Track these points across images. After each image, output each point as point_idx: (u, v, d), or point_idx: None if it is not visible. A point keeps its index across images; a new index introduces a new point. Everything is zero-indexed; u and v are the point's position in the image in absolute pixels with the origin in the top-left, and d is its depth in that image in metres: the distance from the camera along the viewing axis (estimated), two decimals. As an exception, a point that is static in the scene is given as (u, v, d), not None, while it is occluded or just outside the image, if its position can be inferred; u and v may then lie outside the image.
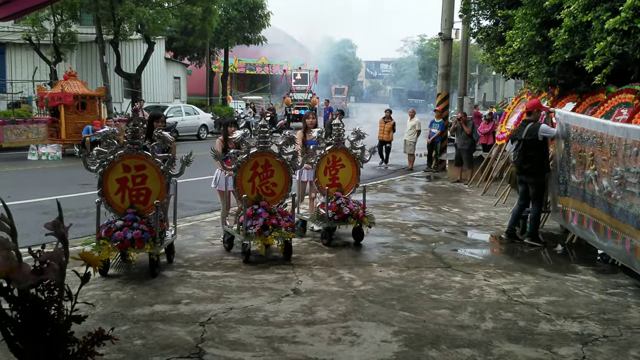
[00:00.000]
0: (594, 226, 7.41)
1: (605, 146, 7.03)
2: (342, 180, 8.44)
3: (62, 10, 25.53)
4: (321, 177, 8.27)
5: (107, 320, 5.13)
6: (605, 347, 4.88)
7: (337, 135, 8.39)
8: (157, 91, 36.69)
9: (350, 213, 8.07)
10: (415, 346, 4.79)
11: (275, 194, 7.56)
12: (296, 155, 7.64)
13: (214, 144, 8.13)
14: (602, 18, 8.18)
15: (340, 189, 8.37)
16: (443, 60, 17.76)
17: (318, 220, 8.27)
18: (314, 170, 8.21)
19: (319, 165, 8.21)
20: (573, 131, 8.09)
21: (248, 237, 7.07)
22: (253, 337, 4.91)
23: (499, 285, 6.56)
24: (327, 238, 8.14)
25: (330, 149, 8.28)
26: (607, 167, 7.00)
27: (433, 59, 58.23)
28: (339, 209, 8.06)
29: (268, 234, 7.01)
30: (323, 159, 8.24)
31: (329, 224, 8.09)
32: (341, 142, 8.41)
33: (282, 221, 7.18)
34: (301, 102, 38.17)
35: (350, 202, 8.19)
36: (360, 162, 8.53)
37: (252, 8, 38.70)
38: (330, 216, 8.05)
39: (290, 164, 7.53)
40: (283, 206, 7.59)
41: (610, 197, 6.91)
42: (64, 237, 2.06)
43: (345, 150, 8.41)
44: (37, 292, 2.04)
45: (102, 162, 6.50)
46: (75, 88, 20.03)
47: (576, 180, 7.94)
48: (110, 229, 6.34)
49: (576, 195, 7.98)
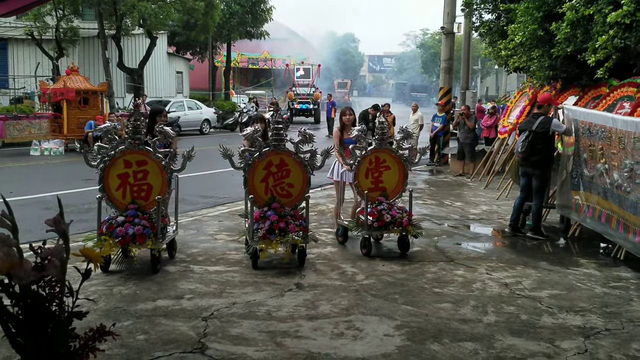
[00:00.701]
0: (607, 219, 7.44)
1: (614, 140, 7.06)
2: (387, 183, 7.63)
3: (64, 5, 25.50)
4: (362, 179, 7.52)
5: (110, 316, 5.14)
6: (607, 341, 4.88)
7: (380, 133, 7.58)
8: (160, 86, 36.67)
9: (393, 220, 7.27)
10: (417, 340, 4.79)
11: (292, 195, 6.99)
12: (315, 154, 7.01)
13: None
14: (604, 11, 8.16)
15: (384, 194, 7.58)
16: (445, 54, 17.73)
17: (356, 227, 7.58)
18: (354, 172, 7.49)
19: (360, 166, 7.47)
20: (582, 126, 8.09)
21: (254, 241, 6.67)
22: (256, 331, 4.91)
23: (501, 278, 6.57)
24: (367, 247, 7.40)
25: (372, 149, 7.53)
26: (617, 160, 7.03)
27: (435, 53, 58.10)
28: (379, 215, 7.29)
29: (273, 238, 6.54)
30: (364, 159, 7.47)
31: (368, 232, 7.36)
32: (385, 142, 7.60)
33: (292, 225, 6.67)
34: (304, 97, 38.17)
35: (393, 208, 7.40)
36: (407, 165, 7.69)
37: (255, 2, 38.61)
38: (370, 223, 7.29)
39: (307, 163, 6.96)
40: (299, 209, 7.01)
41: (620, 190, 6.95)
42: (65, 233, 2.06)
43: (390, 150, 7.60)
44: (38, 288, 2.05)
45: (103, 158, 6.49)
46: (78, 83, 20.03)
47: (588, 174, 7.94)
48: (111, 225, 6.31)
49: (590, 189, 7.97)
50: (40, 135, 19.58)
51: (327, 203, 10.89)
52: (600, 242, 8.22)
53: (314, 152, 6.98)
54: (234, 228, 8.64)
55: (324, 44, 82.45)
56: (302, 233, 6.70)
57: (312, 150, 6.98)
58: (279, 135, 6.87)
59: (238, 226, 8.59)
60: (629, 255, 7.23)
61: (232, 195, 11.34)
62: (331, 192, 12.12)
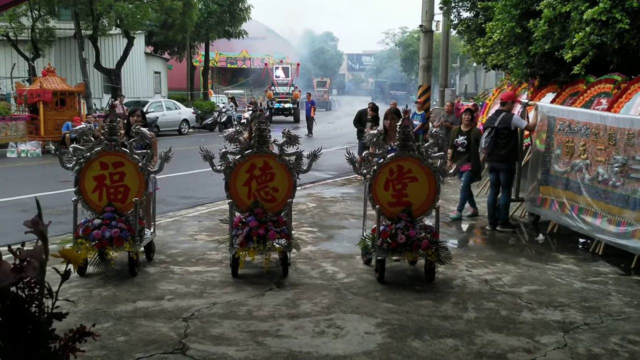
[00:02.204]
0: (579, 211, 7.66)
1: (602, 136, 7.31)
2: (413, 197, 6.45)
3: (39, 5, 25.21)
4: (380, 192, 6.45)
5: (90, 318, 5.09)
6: (586, 335, 4.95)
7: (403, 138, 6.38)
8: (138, 86, 36.40)
9: (410, 242, 6.15)
10: (398, 337, 4.81)
11: (276, 200, 6.54)
12: (300, 157, 6.50)
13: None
14: (580, 9, 8.27)
15: (407, 209, 6.45)
16: (424, 52, 17.84)
17: (363, 248, 6.77)
18: (369, 182, 6.48)
19: (377, 176, 6.42)
20: (559, 123, 8.23)
21: (233, 247, 6.31)
22: (237, 331, 4.90)
23: (481, 275, 6.62)
24: (379, 271, 6.33)
25: (394, 157, 6.40)
26: (604, 155, 7.28)
27: (414, 51, 58.38)
28: (391, 235, 6.25)
29: (251, 246, 6.15)
30: (383, 169, 6.41)
31: (379, 254, 6.27)
32: (410, 148, 6.41)
33: (272, 232, 6.23)
34: (283, 96, 38.17)
35: (414, 228, 6.27)
36: (439, 176, 6.48)
37: (233, 1, 38.45)
38: (380, 244, 6.24)
39: (292, 166, 6.50)
40: (284, 215, 6.58)
41: (606, 184, 7.21)
42: (44, 234, 2.04)
43: (417, 159, 6.41)
44: (17, 289, 2.02)
45: (79, 160, 6.38)
46: (54, 84, 19.83)
47: (559, 169, 8.14)
48: (88, 228, 6.19)
49: (558, 184, 8.18)
50: (16, 137, 19.34)
51: (307, 202, 10.90)
52: (579, 238, 8.32)
53: (300, 155, 6.52)
54: (214, 228, 8.61)
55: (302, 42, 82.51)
56: (284, 240, 6.32)
57: (298, 153, 6.52)
58: (263, 137, 6.45)
59: (217, 226, 8.56)
60: (607, 250, 7.35)
61: (211, 195, 11.31)
62: (311, 191, 12.14)
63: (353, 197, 11.49)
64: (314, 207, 10.54)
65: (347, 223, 9.22)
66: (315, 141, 23.85)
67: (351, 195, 11.85)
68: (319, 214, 9.91)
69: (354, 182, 13.43)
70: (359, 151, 12.86)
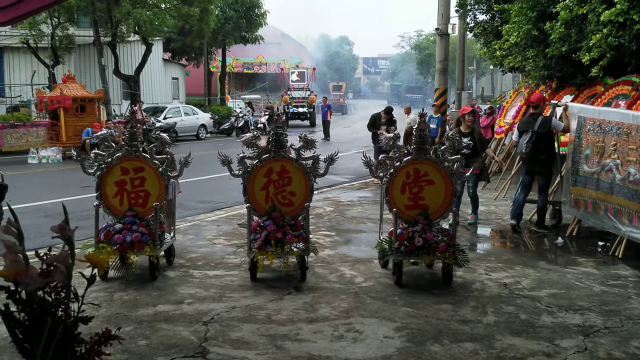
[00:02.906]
0: (615, 213, 7.54)
1: (634, 136, 7.24)
2: (430, 200, 6.49)
3: (59, 13, 25.52)
4: (396, 195, 6.49)
5: (112, 322, 5.16)
6: (606, 339, 4.92)
7: (420, 142, 6.43)
8: (156, 92, 36.68)
9: (427, 245, 6.20)
10: (417, 341, 4.82)
11: (294, 204, 6.57)
12: (317, 161, 6.55)
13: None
14: (597, 10, 8.22)
15: (424, 212, 6.48)
16: (440, 55, 17.78)
17: (381, 251, 6.77)
18: (385, 186, 6.53)
19: (394, 180, 6.47)
20: (590, 123, 8.15)
21: (251, 251, 6.37)
22: (256, 335, 4.94)
23: (500, 279, 6.59)
24: (397, 275, 6.36)
25: (410, 160, 6.45)
26: (635, 155, 7.22)
27: (430, 54, 58.24)
28: (409, 238, 6.30)
29: (269, 250, 6.21)
30: (399, 172, 6.45)
31: (396, 258, 6.29)
32: (426, 151, 6.46)
33: (290, 236, 6.29)
34: (299, 100, 38.25)
35: (431, 231, 6.31)
36: (455, 179, 6.51)
37: (249, 7, 38.70)
38: (397, 247, 6.27)
39: (309, 170, 6.53)
40: (301, 219, 6.60)
41: (637, 185, 7.12)
42: (70, 239, 2.09)
43: (433, 162, 6.44)
44: (44, 294, 2.07)
45: (100, 165, 6.50)
46: (74, 91, 20.05)
47: (588, 170, 8.05)
48: (109, 232, 6.31)
49: (588, 185, 8.08)
50: (37, 143, 19.59)
51: (324, 206, 10.92)
52: (598, 241, 8.26)
53: (317, 159, 6.58)
54: (232, 232, 8.66)
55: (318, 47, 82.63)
56: (302, 244, 6.39)
57: (315, 157, 6.58)
58: (280, 141, 6.51)
59: (236, 231, 8.62)
60: (627, 253, 7.29)
61: (229, 200, 11.37)
62: (328, 195, 12.17)
63: (370, 201, 11.49)
64: (331, 210, 10.56)
65: (364, 227, 9.24)
66: (331, 145, 23.89)
67: (368, 198, 11.85)
68: (336, 218, 9.93)
69: (370, 185, 13.43)
70: (375, 154, 12.87)
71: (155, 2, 27.84)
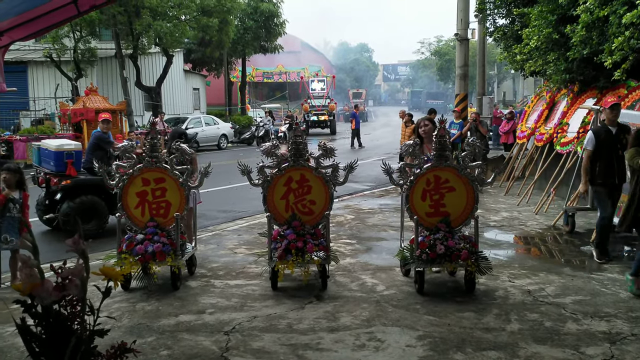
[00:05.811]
0: None
1: None
2: (451, 207, 6.40)
3: (81, 27, 25.89)
4: (417, 202, 6.40)
5: (134, 332, 5.17)
6: (633, 346, 4.82)
7: (439, 148, 6.32)
8: (177, 103, 37.00)
9: (449, 252, 6.11)
10: (440, 350, 4.76)
11: (314, 212, 6.54)
12: (337, 169, 6.50)
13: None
14: (619, 12, 8.11)
15: (446, 220, 6.39)
16: (460, 61, 17.71)
17: (402, 259, 6.68)
18: (406, 193, 6.45)
19: (414, 187, 6.36)
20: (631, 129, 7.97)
21: (272, 261, 6.36)
22: (277, 344, 4.92)
23: (524, 286, 6.50)
24: (419, 283, 6.27)
25: (430, 167, 6.34)
26: None
27: (450, 59, 57.93)
28: (430, 245, 6.20)
29: (290, 259, 6.20)
30: (420, 179, 6.35)
31: (417, 265, 6.21)
32: (446, 158, 6.34)
33: (310, 244, 6.27)
34: (319, 108, 38.34)
35: (453, 238, 6.23)
36: (477, 186, 6.41)
37: (268, 17, 38.95)
38: (418, 255, 6.18)
39: (329, 179, 6.50)
40: (322, 227, 6.57)
41: None
42: (84, 252, 2.10)
43: (454, 169, 6.34)
44: (60, 307, 2.08)
45: (122, 177, 6.56)
46: (97, 103, 20.23)
47: None
48: (131, 243, 6.36)
49: None
50: (61, 155, 19.76)
51: (345, 214, 10.89)
52: (624, 246, 8.12)
53: (336, 167, 6.54)
54: (253, 242, 8.67)
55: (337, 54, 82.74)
56: (323, 253, 6.37)
57: (334, 165, 6.54)
58: (299, 150, 6.49)
59: (257, 240, 8.62)
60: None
61: (250, 209, 11.40)
62: (348, 203, 12.14)
63: (391, 209, 11.44)
64: (351, 219, 10.52)
65: (385, 235, 9.19)
66: (351, 152, 23.87)
67: (389, 206, 11.80)
68: (357, 226, 9.89)
69: (391, 193, 13.37)
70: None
71: (175, 14, 28.12)
